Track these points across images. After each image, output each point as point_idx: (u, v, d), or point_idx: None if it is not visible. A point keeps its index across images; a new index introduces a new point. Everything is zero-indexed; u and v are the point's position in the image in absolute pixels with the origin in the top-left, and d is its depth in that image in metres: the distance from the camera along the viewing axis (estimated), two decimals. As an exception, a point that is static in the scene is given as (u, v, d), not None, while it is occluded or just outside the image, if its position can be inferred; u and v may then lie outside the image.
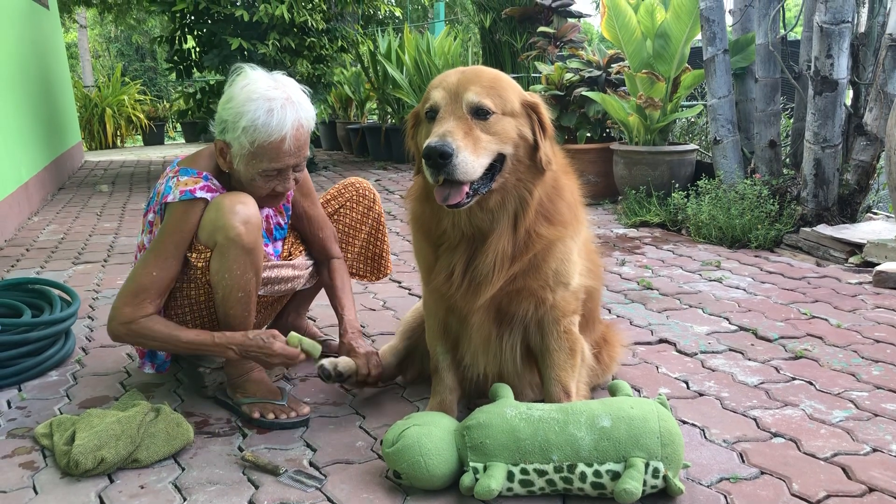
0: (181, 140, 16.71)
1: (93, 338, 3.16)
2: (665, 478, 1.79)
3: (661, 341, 2.97)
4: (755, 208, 4.50)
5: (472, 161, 1.78)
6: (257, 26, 7.56)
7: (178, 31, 8.00)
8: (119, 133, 15.37)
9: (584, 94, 5.97)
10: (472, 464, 1.84)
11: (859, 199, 4.47)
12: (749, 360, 2.75)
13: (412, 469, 1.84)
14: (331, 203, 2.76)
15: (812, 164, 4.39)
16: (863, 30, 4.49)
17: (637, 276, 3.92)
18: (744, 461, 2.01)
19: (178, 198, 2.20)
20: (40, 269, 4.46)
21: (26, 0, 7.96)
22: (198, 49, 8.21)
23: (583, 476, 1.79)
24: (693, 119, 6.42)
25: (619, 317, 3.28)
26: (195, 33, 8.10)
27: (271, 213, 2.53)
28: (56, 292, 3.05)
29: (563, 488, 1.82)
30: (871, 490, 1.85)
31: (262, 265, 2.33)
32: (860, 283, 3.66)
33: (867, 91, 4.44)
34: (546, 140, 1.93)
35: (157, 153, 12.79)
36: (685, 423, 2.24)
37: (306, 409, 2.31)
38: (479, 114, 1.84)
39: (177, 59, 8.21)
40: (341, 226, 2.76)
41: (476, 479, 1.82)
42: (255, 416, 2.27)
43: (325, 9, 8.07)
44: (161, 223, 2.27)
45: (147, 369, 2.45)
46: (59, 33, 10.48)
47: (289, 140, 2.17)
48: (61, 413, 2.41)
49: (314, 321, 3.23)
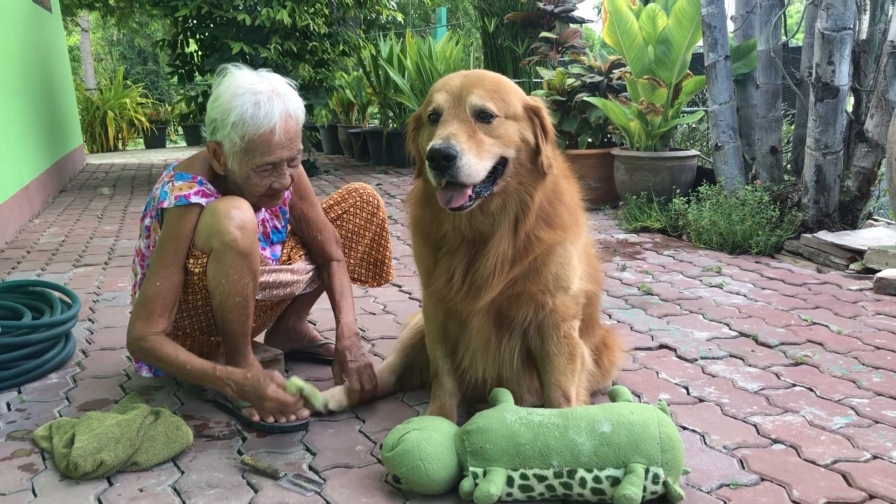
0: (183, 143, 16.73)
1: (93, 340, 3.16)
2: (665, 484, 1.79)
3: (662, 347, 2.97)
4: (756, 214, 4.50)
5: (475, 164, 1.78)
6: (259, 30, 7.57)
7: (181, 35, 8.02)
8: (121, 136, 15.41)
9: (585, 99, 5.97)
10: (471, 468, 1.84)
11: (860, 206, 4.47)
12: (749, 366, 2.74)
13: (412, 473, 1.84)
14: (334, 208, 2.75)
15: (813, 170, 4.40)
16: (864, 37, 4.50)
17: (638, 282, 3.92)
18: (744, 467, 2.00)
19: (173, 203, 2.20)
20: (41, 271, 4.46)
21: (29, 3, 7.98)
22: (200, 53, 8.22)
23: (583, 482, 1.78)
24: (694, 125, 6.43)
25: (619, 322, 3.28)
26: (197, 37, 8.12)
27: (267, 217, 2.52)
28: (56, 295, 3.05)
29: (562, 494, 1.82)
30: (871, 497, 1.85)
31: (260, 269, 2.33)
32: (861, 290, 3.66)
33: (868, 98, 4.44)
34: (548, 144, 1.93)
35: (158, 156, 12.81)
36: (685, 428, 2.24)
37: (306, 412, 2.30)
38: (483, 117, 1.84)
39: (179, 62, 8.23)
40: (344, 231, 2.75)
41: (476, 484, 1.81)
42: (255, 419, 2.27)
43: (327, 13, 8.08)
44: (159, 229, 2.27)
45: (144, 373, 2.44)
46: (62, 36, 10.50)
47: (278, 131, 2.16)
48: (61, 415, 2.41)
49: (314, 324, 3.23)
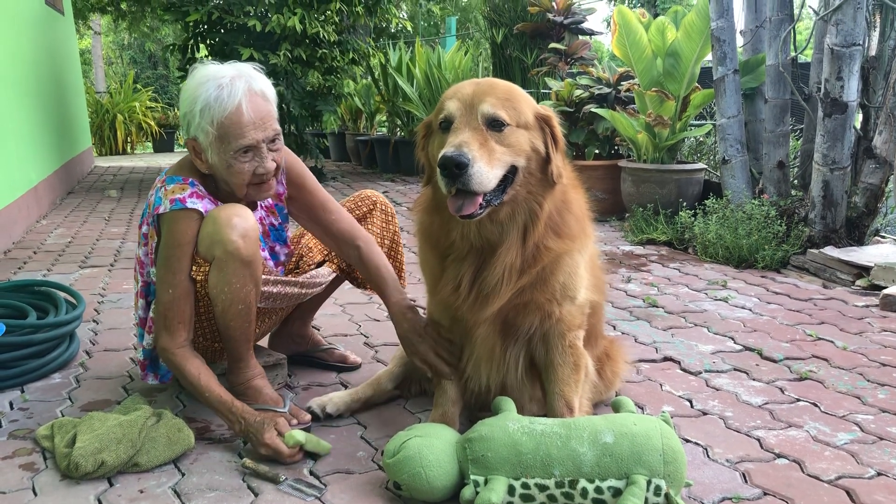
0: (191, 148, 16.76)
1: (97, 341, 3.16)
2: (667, 496, 1.78)
3: (666, 359, 2.96)
4: (762, 229, 4.49)
5: (486, 172, 1.78)
6: (269, 37, 7.61)
7: (191, 40, 8.05)
8: (129, 139, 15.47)
9: (593, 110, 5.98)
10: (472, 477, 1.83)
11: (867, 222, 4.46)
12: (753, 380, 2.73)
13: (413, 480, 1.84)
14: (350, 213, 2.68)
15: (820, 185, 4.39)
16: (873, 53, 4.49)
17: (643, 294, 3.91)
18: (746, 481, 1.99)
19: (168, 208, 2.19)
20: (47, 271, 4.47)
21: (42, 6, 8.04)
22: (210, 58, 8.25)
23: (584, 492, 1.77)
24: (702, 138, 6.42)
25: (624, 333, 3.27)
26: (207, 42, 8.16)
27: (263, 215, 2.49)
28: (62, 295, 3.06)
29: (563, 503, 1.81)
30: (875, 514, 1.84)
31: (269, 279, 2.33)
32: (867, 306, 3.64)
33: (877, 114, 4.43)
34: (558, 153, 1.93)
35: (166, 160, 12.85)
36: (688, 441, 2.23)
37: (307, 417, 2.30)
38: (494, 125, 1.84)
39: (189, 67, 8.26)
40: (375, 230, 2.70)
41: (476, 493, 1.81)
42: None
43: (337, 21, 8.11)
44: (156, 235, 2.27)
45: (150, 380, 2.43)
46: (74, 39, 10.57)
47: (246, 109, 2.13)
48: (63, 415, 2.41)
49: (318, 329, 3.22)
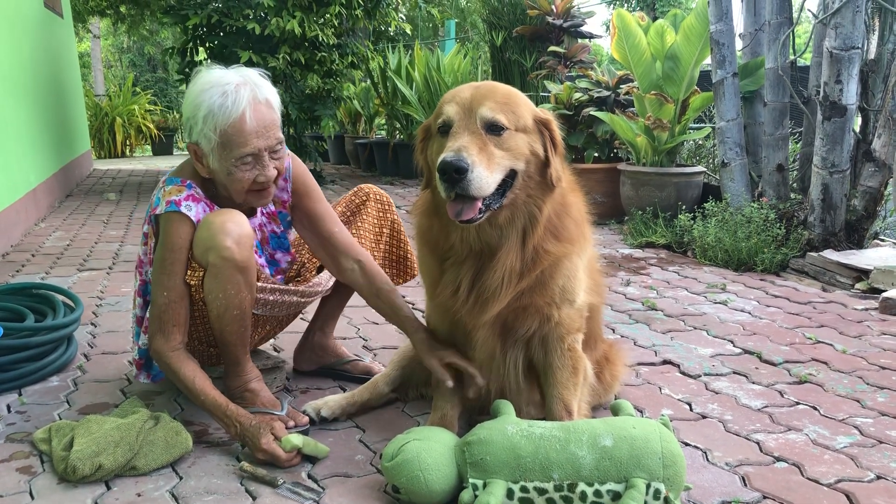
0: (190, 151, 16.76)
1: (95, 344, 3.16)
2: (666, 499, 1.77)
3: (665, 362, 2.96)
4: (762, 232, 4.49)
5: (486, 177, 1.77)
6: (268, 40, 7.61)
7: (190, 43, 8.06)
8: (128, 142, 15.47)
9: (592, 113, 5.98)
10: (471, 480, 1.82)
11: (866, 226, 4.46)
12: (753, 383, 2.73)
13: (411, 484, 1.83)
14: (344, 212, 2.67)
15: (819, 189, 4.39)
16: (872, 56, 4.50)
17: (642, 297, 3.91)
18: (746, 485, 1.99)
19: (164, 209, 2.18)
20: (45, 274, 4.47)
21: (42, 9, 8.04)
22: (209, 61, 8.26)
23: (583, 496, 1.77)
24: (701, 141, 6.43)
25: (623, 337, 3.27)
26: (207, 45, 8.16)
27: (265, 222, 2.48)
28: (60, 298, 3.05)
29: (562, 507, 1.80)
30: (875, 518, 1.83)
31: (267, 287, 2.31)
32: (866, 310, 3.64)
33: (876, 117, 4.44)
34: (557, 157, 1.93)
35: (165, 163, 12.86)
36: (687, 444, 2.22)
37: (305, 419, 2.29)
38: (493, 129, 1.83)
39: (188, 70, 8.26)
40: (363, 231, 2.65)
41: (475, 496, 1.80)
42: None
43: (336, 24, 8.12)
44: (153, 235, 2.26)
45: (143, 379, 2.43)
46: (73, 42, 10.58)
47: (249, 118, 2.10)
48: (61, 418, 2.40)
49: (343, 339, 3.18)
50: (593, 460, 1.78)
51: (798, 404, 2.53)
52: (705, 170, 5.85)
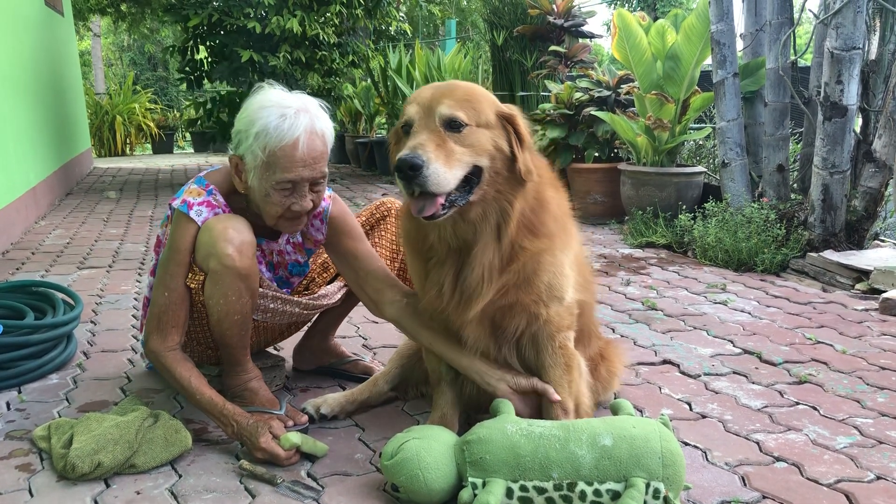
0: (190, 150, 16.79)
1: (94, 342, 3.15)
2: (666, 499, 1.77)
3: (665, 362, 2.95)
4: (762, 232, 4.49)
5: (443, 172, 1.77)
6: (269, 39, 7.61)
7: (191, 42, 8.07)
8: (129, 141, 15.46)
9: (593, 113, 5.98)
10: (471, 479, 1.82)
11: (867, 226, 4.45)
12: (753, 383, 2.73)
13: (410, 482, 1.83)
14: (364, 225, 2.63)
15: (820, 189, 4.39)
16: (873, 56, 4.50)
17: (642, 297, 3.91)
18: (745, 485, 1.99)
19: (178, 206, 2.19)
20: (45, 272, 4.47)
21: (42, 7, 8.04)
22: (209, 60, 8.27)
23: (583, 495, 1.77)
24: (701, 141, 6.43)
25: (623, 336, 3.27)
26: (207, 44, 8.17)
27: (289, 250, 2.47)
28: (59, 296, 3.05)
29: (562, 507, 1.80)
30: (874, 518, 1.83)
31: (266, 293, 2.31)
32: (866, 310, 3.64)
33: (876, 118, 4.44)
34: (524, 151, 1.91)
35: (165, 162, 12.85)
36: (687, 444, 2.22)
37: (304, 418, 2.29)
38: (452, 126, 1.83)
39: (188, 69, 8.27)
40: (385, 241, 2.64)
41: (475, 495, 1.80)
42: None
43: (337, 23, 8.13)
44: (168, 224, 2.27)
45: (147, 365, 2.41)
46: (73, 41, 10.57)
47: (302, 146, 2.09)
48: (60, 416, 2.40)
49: (343, 338, 3.18)
50: (593, 459, 1.78)
51: (798, 404, 2.53)
52: (706, 170, 5.85)
